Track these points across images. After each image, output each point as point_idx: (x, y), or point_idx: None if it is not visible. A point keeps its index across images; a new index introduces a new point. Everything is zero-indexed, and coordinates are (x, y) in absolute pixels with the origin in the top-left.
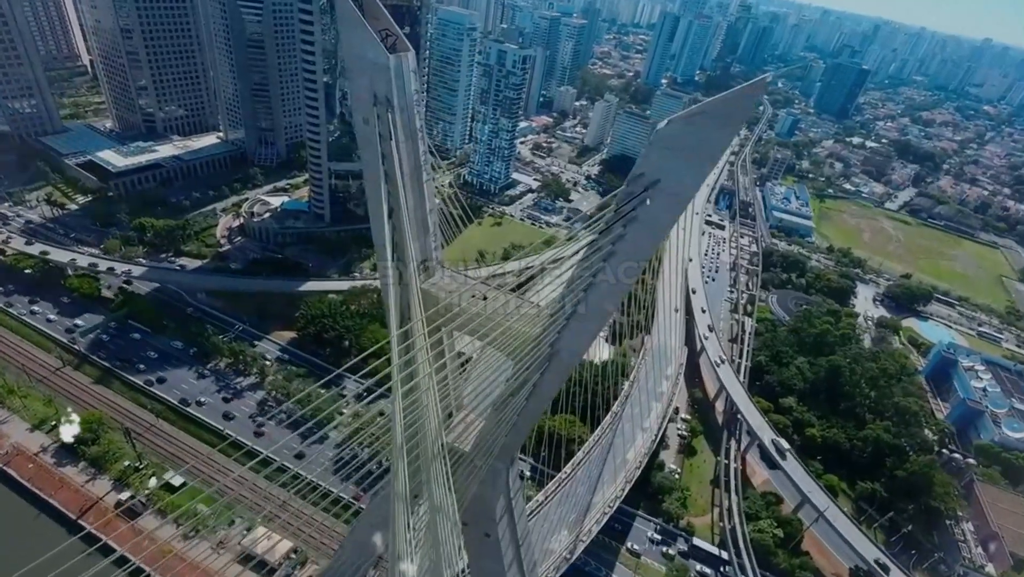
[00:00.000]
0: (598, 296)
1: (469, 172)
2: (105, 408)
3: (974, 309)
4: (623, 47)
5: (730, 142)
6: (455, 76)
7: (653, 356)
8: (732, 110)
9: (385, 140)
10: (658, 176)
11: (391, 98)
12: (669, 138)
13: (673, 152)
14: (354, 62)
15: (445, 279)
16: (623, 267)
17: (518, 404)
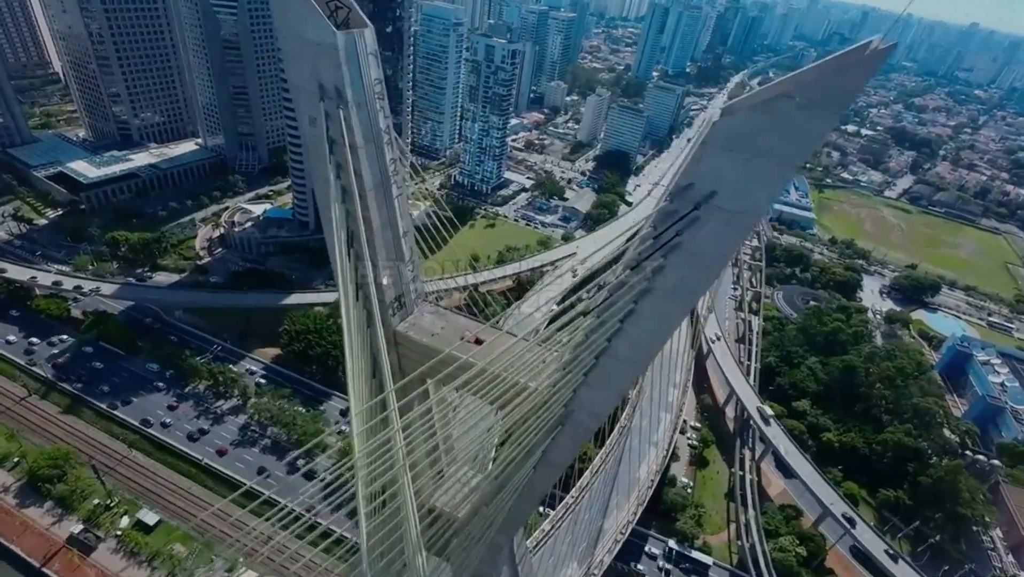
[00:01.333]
0: (628, 347)
1: (460, 172)
2: (74, 440)
3: (982, 298)
4: (612, 41)
5: (826, 135)
6: (442, 73)
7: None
8: (832, 88)
9: (338, 146)
10: (713, 187)
11: (343, 89)
12: (731, 135)
13: (737, 154)
14: (290, 42)
15: (426, 317)
16: (662, 310)
17: (522, 472)
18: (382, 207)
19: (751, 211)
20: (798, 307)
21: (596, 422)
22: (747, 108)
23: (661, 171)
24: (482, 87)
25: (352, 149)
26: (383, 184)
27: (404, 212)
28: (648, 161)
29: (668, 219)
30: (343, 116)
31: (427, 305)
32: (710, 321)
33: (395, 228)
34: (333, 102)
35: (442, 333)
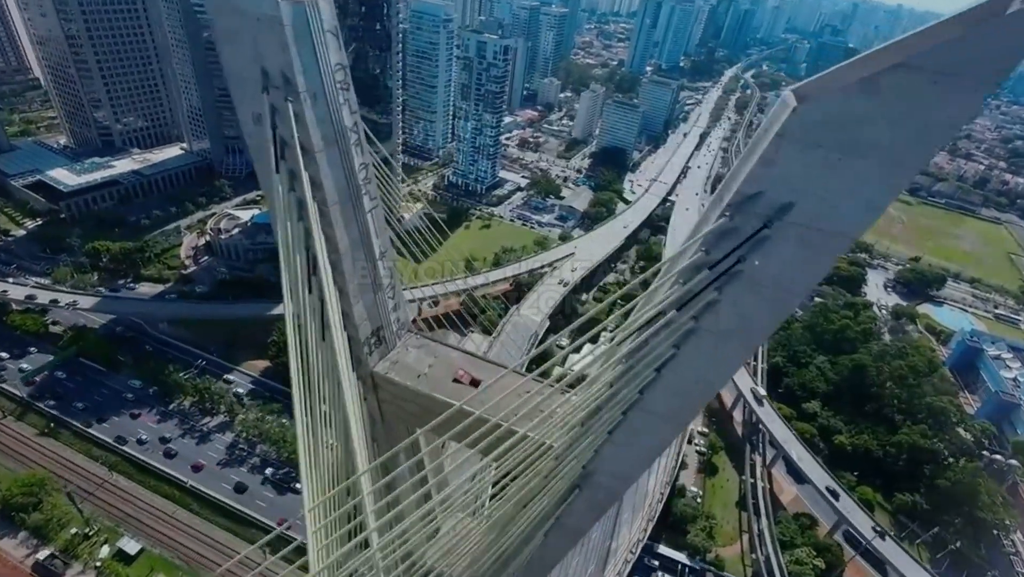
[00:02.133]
0: (666, 400)
1: (453, 173)
2: (51, 464)
3: (988, 290)
4: (605, 36)
5: (963, 122)
6: (433, 71)
7: None
8: (982, 48)
9: (290, 149)
10: (790, 197)
11: (292, 77)
12: (819, 125)
13: (826, 152)
14: (224, 17)
15: (410, 352)
16: (713, 355)
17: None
18: (351, 224)
19: (842, 231)
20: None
21: (623, 485)
22: (843, 88)
23: (658, 167)
24: (474, 84)
25: (307, 153)
26: (351, 195)
27: (380, 229)
28: (644, 157)
29: (725, 240)
30: (293, 111)
31: (412, 337)
32: None
33: (369, 249)
34: (280, 93)
35: (430, 372)
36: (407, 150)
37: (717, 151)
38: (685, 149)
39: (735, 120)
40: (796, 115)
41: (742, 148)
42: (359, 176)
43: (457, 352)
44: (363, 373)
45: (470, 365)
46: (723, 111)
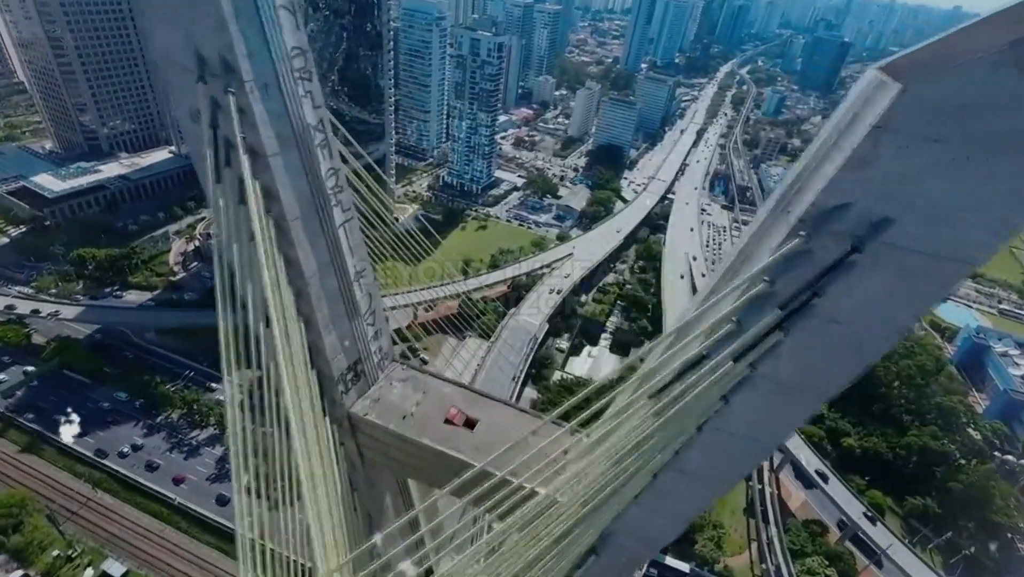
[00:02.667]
0: (706, 460)
1: (448, 173)
2: (33, 483)
3: (991, 285)
4: (599, 33)
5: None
6: (426, 70)
7: None
8: None
9: (236, 152)
10: (889, 210)
11: (234, 62)
12: (944, 112)
13: (953, 148)
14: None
15: (395, 387)
16: (770, 410)
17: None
18: (318, 241)
19: (959, 256)
20: None
21: (650, 550)
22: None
23: (656, 164)
24: (468, 83)
25: (258, 157)
26: (318, 207)
27: (356, 245)
28: (642, 155)
29: (797, 267)
30: (237, 105)
31: (397, 368)
32: None
33: (342, 270)
34: (220, 83)
35: (418, 412)
36: (401, 150)
37: (715, 147)
38: (682, 146)
39: (731, 116)
40: (905, 99)
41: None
42: (327, 183)
43: (450, 386)
44: (338, 415)
45: (465, 401)
46: (719, 107)
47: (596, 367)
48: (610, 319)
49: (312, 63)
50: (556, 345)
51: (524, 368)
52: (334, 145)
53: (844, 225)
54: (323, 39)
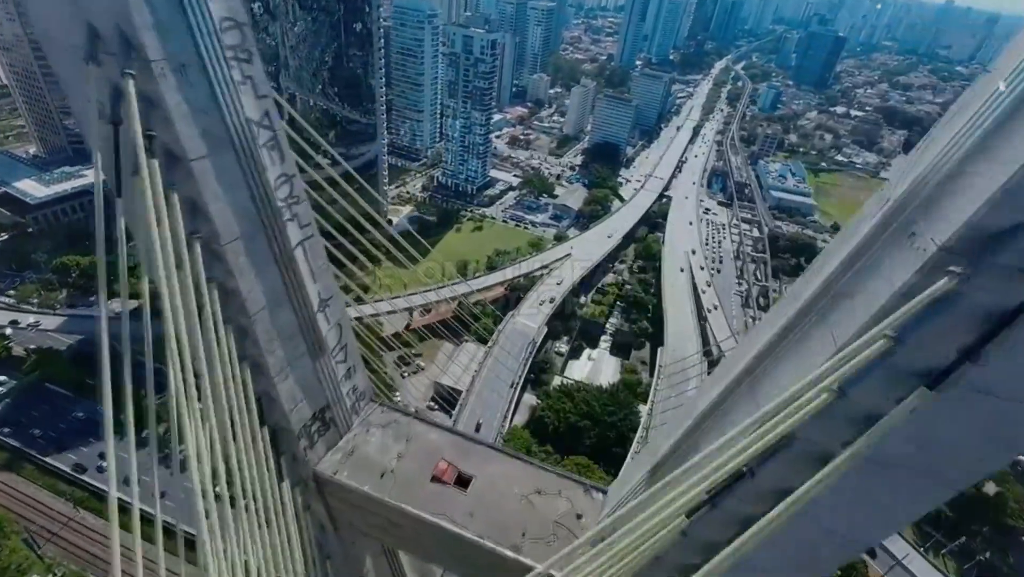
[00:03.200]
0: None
1: (443, 173)
2: (11, 503)
3: None
4: (593, 31)
5: None
6: (419, 69)
7: (670, 372)
8: None
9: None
10: None
11: (134, 37)
12: None
13: None
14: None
15: (372, 435)
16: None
17: None
18: (266, 269)
19: None
20: None
21: None
22: None
23: (653, 162)
24: (461, 81)
25: (176, 162)
26: (267, 224)
27: (320, 268)
28: (638, 152)
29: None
30: (141, 92)
31: (375, 410)
32: (719, 321)
33: (300, 301)
34: (116, 63)
35: (400, 467)
36: (394, 151)
37: (711, 144)
38: (679, 143)
39: (728, 112)
40: None
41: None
42: (278, 194)
43: (437, 431)
44: (302, 474)
45: (456, 452)
46: (715, 103)
47: (596, 370)
48: (609, 320)
49: (252, 41)
50: (555, 348)
51: (523, 373)
52: (286, 145)
53: (1012, 259)
54: (312, 39)
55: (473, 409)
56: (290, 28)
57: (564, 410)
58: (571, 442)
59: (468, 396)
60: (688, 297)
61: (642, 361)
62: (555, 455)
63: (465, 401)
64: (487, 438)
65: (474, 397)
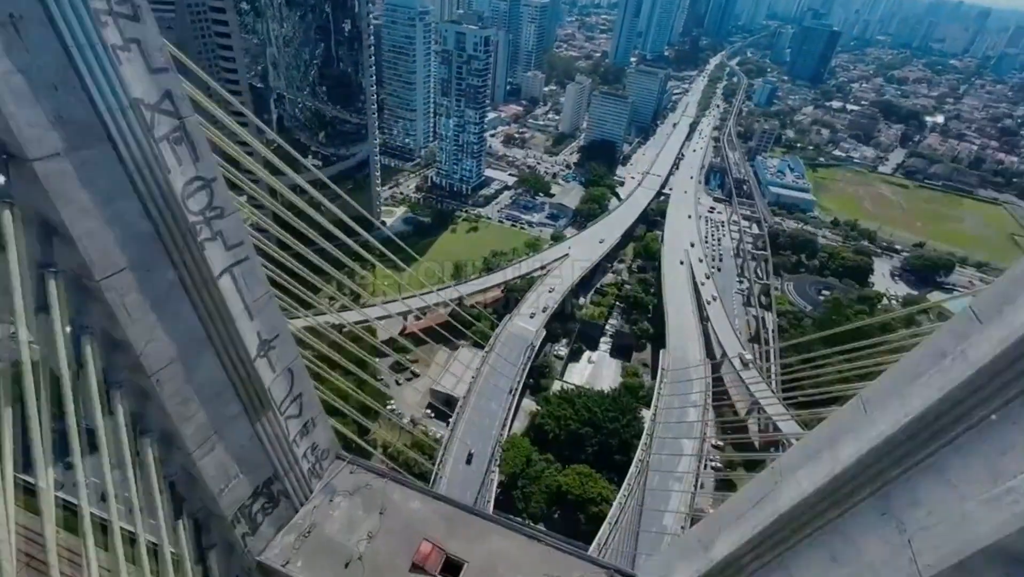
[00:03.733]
0: None
1: (437, 173)
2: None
3: (996, 274)
4: (587, 28)
5: None
6: (411, 67)
7: (673, 376)
8: None
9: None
10: None
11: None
12: None
13: None
14: None
15: (337, 506)
16: None
17: None
18: (174, 309)
19: None
20: (812, 299)
21: None
22: None
23: (650, 159)
24: (455, 79)
25: (12, 163)
26: (169, 249)
27: (258, 302)
28: (635, 149)
29: None
30: None
31: (343, 471)
32: (720, 320)
33: (230, 345)
34: None
35: (371, 549)
36: (387, 151)
37: (708, 140)
38: (676, 140)
39: (724, 108)
40: None
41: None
42: (189, 205)
43: (419, 496)
44: (245, 564)
45: (444, 526)
46: (711, 99)
47: (596, 373)
48: (609, 321)
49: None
50: (555, 352)
51: (521, 379)
52: (202, 139)
53: None
54: (301, 37)
55: (470, 418)
56: (278, 27)
57: (565, 417)
58: (572, 450)
59: (465, 404)
60: (689, 297)
61: (643, 363)
62: (556, 463)
63: (462, 409)
64: (481, 466)
65: (471, 404)
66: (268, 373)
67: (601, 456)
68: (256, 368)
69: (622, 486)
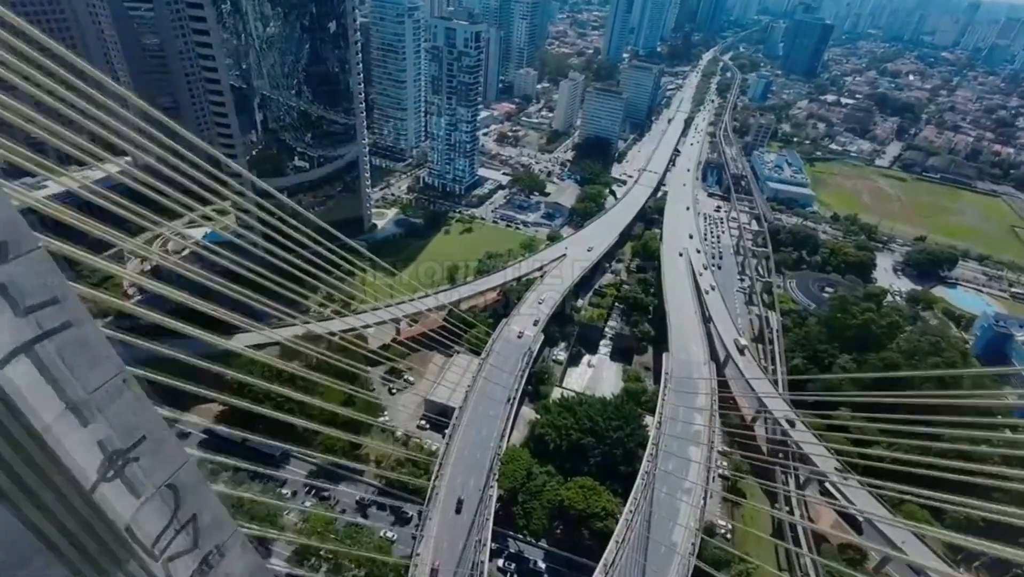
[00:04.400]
0: None
1: (429, 173)
2: None
3: (999, 268)
4: (578, 25)
5: None
6: (401, 65)
7: (677, 383)
8: None
9: None
10: None
11: None
12: None
13: None
14: None
15: None
16: None
17: None
18: None
19: None
20: (816, 296)
21: None
22: None
23: (646, 155)
24: (445, 76)
25: None
26: None
27: (98, 400)
28: (630, 146)
29: None
30: None
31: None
32: (723, 320)
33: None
34: None
35: None
36: (378, 152)
37: (704, 136)
38: (671, 136)
39: (719, 103)
40: None
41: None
42: None
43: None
44: None
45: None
46: (705, 94)
47: (596, 377)
48: (609, 324)
49: None
50: (553, 356)
51: (520, 386)
52: None
53: None
54: (286, 38)
55: (467, 431)
56: (261, 26)
57: (566, 426)
58: (574, 461)
59: (462, 414)
60: (691, 297)
61: (645, 367)
62: (557, 476)
63: (459, 420)
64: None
65: (468, 415)
66: (125, 502)
67: (605, 467)
68: (99, 500)
69: (628, 501)
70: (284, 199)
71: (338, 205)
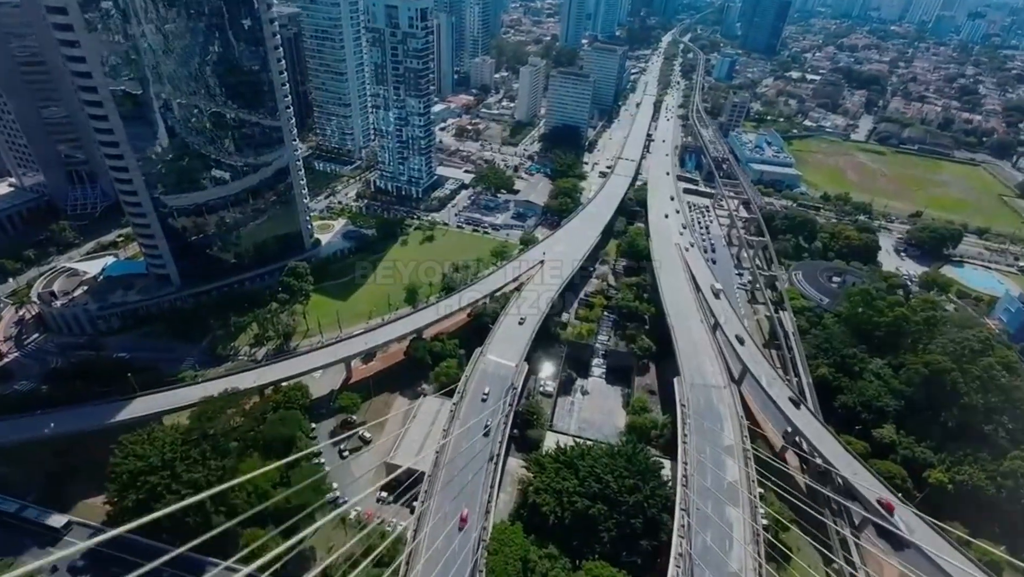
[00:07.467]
0: None
1: (380, 176)
2: None
3: (1001, 241)
4: (532, 13)
5: None
6: (339, 55)
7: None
8: None
9: None
10: None
11: None
12: None
13: None
14: None
15: None
16: None
17: None
18: None
19: None
20: (825, 288)
21: None
22: None
23: (617, 143)
24: (391, 63)
25: None
26: None
27: None
28: (600, 133)
29: None
30: None
31: None
32: (732, 324)
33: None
34: None
35: None
36: (322, 155)
37: (675, 118)
38: (642, 120)
39: (685, 85)
40: None
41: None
42: None
43: None
44: None
45: None
46: (670, 76)
47: (593, 407)
48: (599, 338)
49: None
50: (541, 387)
51: (505, 436)
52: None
53: None
54: (189, 38)
55: (441, 503)
56: (154, 28)
57: (567, 490)
58: (582, 537)
59: (433, 483)
60: (694, 302)
61: (650, 390)
62: (562, 558)
63: (429, 491)
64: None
65: (440, 484)
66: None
67: (622, 542)
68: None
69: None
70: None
71: (272, 221)
